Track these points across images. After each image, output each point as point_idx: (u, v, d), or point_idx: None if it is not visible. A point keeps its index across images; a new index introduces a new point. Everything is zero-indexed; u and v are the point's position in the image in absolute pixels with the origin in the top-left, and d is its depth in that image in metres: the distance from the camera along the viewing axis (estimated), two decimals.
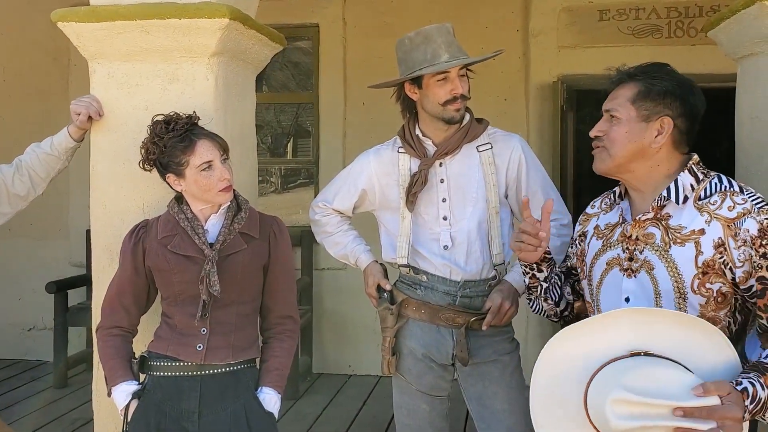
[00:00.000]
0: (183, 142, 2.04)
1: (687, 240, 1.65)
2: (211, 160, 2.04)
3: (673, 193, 1.68)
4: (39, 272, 5.45)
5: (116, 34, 2.35)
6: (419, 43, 2.24)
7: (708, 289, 1.62)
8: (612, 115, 1.73)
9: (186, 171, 2.05)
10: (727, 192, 1.66)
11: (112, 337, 2.13)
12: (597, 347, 1.53)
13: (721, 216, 1.63)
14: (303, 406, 4.63)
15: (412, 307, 2.36)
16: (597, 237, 1.86)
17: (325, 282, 5.29)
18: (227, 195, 2.08)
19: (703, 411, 1.41)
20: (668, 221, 1.69)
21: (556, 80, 4.83)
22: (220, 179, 2.05)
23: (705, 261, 1.62)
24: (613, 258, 1.77)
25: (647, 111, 1.70)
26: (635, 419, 1.40)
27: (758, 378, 1.49)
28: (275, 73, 5.61)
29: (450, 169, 2.33)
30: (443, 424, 2.43)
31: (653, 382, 1.42)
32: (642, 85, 1.72)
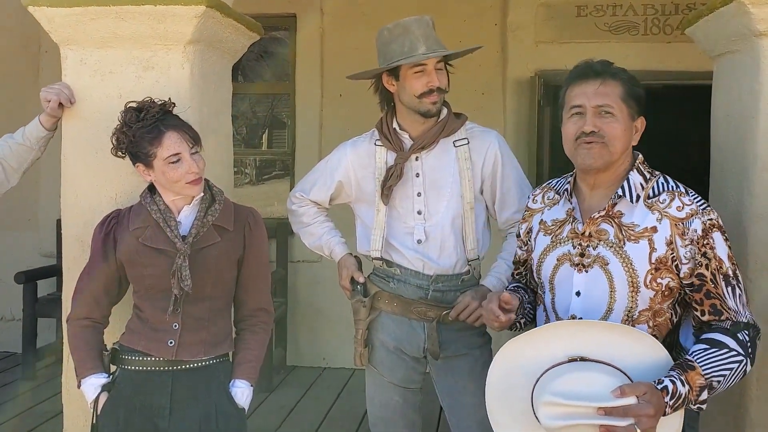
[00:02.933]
0: (151, 134, 1.99)
1: (641, 237, 1.74)
2: (178, 153, 2.00)
3: (627, 192, 1.76)
4: (7, 262, 5.34)
5: (89, 19, 2.31)
6: (398, 34, 2.23)
7: (658, 284, 1.73)
8: (607, 111, 1.74)
9: (154, 162, 2.01)
10: (674, 192, 1.76)
11: (82, 328, 2.09)
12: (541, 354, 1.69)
13: (670, 215, 1.73)
14: (277, 399, 4.61)
15: (384, 299, 2.36)
16: (544, 233, 1.91)
17: (300, 274, 5.27)
18: (196, 188, 2.05)
19: (620, 410, 1.56)
20: (621, 219, 1.77)
21: (534, 75, 4.84)
22: (188, 172, 2.01)
23: (658, 257, 1.72)
24: (564, 254, 1.83)
25: (632, 110, 1.77)
26: (563, 419, 1.59)
27: (680, 376, 1.62)
28: (251, 63, 5.56)
29: (426, 163, 2.33)
30: (415, 417, 2.43)
31: (582, 386, 1.60)
32: (624, 85, 1.76)
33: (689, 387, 1.61)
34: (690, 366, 1.63)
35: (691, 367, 1.63)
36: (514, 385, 1.72)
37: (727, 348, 1.66)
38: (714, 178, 2.32)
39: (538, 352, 1.69)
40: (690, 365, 1.64)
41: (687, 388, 1.61)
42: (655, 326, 1.75)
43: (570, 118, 1.79)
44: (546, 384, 1.65)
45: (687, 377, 1.61)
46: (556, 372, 1.66)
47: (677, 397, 1.60)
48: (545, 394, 1.62)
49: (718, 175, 2.29)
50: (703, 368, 1.63)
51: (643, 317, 1.75)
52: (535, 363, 1.69)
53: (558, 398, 1.60)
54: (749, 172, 2.07)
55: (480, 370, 2.34)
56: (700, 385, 1.62)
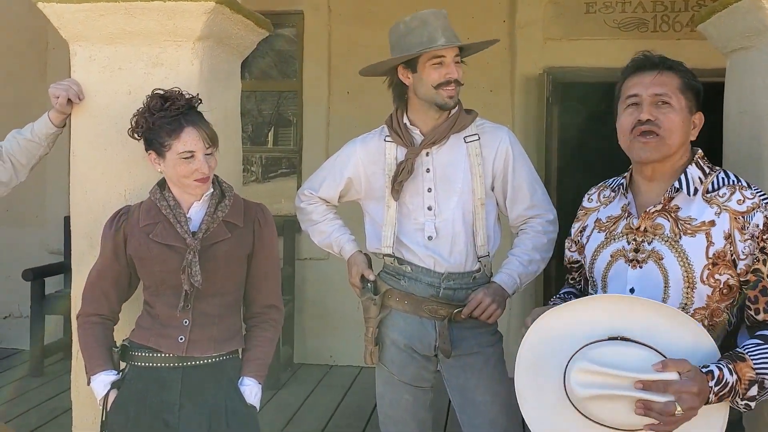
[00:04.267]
0: (171, 125, 2.00)
1: (698, 231, 1.68)
2: (193, 151, 2.00)
3: (685, 185, 1.72)
4: (15, 259, 5.36)
5: (99, 15, 2.30)
6: (415, 26, 2.23)
7: (716, 280, 1.66)
8: (665, 101, 1.71)
9: (167, 153, 2.01)
10: (735, 186, 1.70)
11: (92, 324, 2.09)
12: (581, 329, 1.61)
13: (730, 208, 1.67)
14: (284, 397, 4.61)
15: (395, 297, 2.34)
16: (599, 230, 1.87)
17: (308, 272, 5.26)
18: (202, 187, 2.04)
19: (660, 384, 1.49)
20: (677, 213, 1.72)
21: (542, 72, 4.82)
22: (198, 170, 2.00)
23: (716, 252, 1.65)
24: (618, 250, 1.79)
25: (690, 103, 1.74)
26: (596, 387, 1.51)
27: (728, 364, 1.55)
28: (258, 60, 5.55)
29: (437, 158, 2.31)
30: (426, 415, 2.42)
31: (620, 357, 1.53)
32: (682, 78, 1.73)
33: (738, 377, 1.53)
34: (740, 357, 1.56)
35: (741, 358, 1.56)
36: (546, 357, 1.64)
37: None
38: None
39: (577, 327, 1.62)
40: (740, 356, 1.56)
41: (735, 378, 1.53)
42: (710, 326, 1.67)
43: (626, 109, 1.76)
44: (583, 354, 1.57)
45: (736, 367, 1.54)
46: (592, 348, 1.58)
47: (723, 384, 1.52)
48: (582, 360, 1.55)
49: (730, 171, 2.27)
50: (755, 361, 1.55)
51: (698, 315, 1.67)
52: (569, 340, 1.61)
53: (593, 365, 1.52)
54: (763, 168, 2.05)
55: (492, 368, 2.34)
56: (749, 379, 1.54)
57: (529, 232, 2.37)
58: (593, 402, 1.53)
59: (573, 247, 1.99)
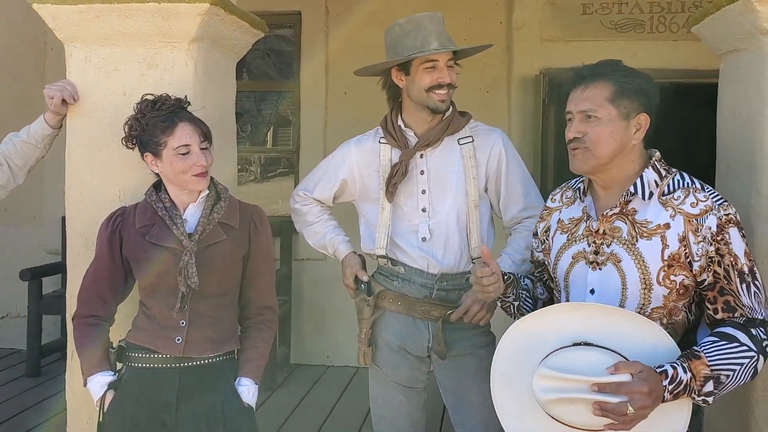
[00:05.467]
0: (164, 122, 2.01)
1: (653, 234, 1.73)
2: (189, 145, 2.01)
3: (639, 189, 1.76)
4: (13, 259, 5.36)
5: (94, 16, 2.31)
6: (410, 29, 2.24)
7: (672, 281, 1.71)
8: (590, 115, 1.74)
9: (163, 152, 2.02)
10: (689, 188, 1.74)
11: (88, 326, 2.09)
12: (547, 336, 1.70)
13: (684, 211, 1.71)
14: (281, 397, 4.62)
15: (388, 298, 2.35)
16: (561, 231, 1.91)
17: (304, 273, 5.26)
18: (202, 181, 2.05)
19: (613, 386, 1.56)
20: (634, 216, 1.77)
21: (539, 73, 4.83)
22: (195, 164, 2.01)
23: (671, 254, 1.70)
24: (579, 252, 1.84)
25: (626, 109, 1.75)
26: (556, 392, 1.59)
27: (683, 363, 1.60)
28: (256, 61, 5.56)
29: (431, 160, 2.32)
30: (419, 416, 2.43)
31: (579, 362, 1.61)
32: (616, 84, 1.74)
33: (692, 375, 1.59)
34: (695, 355, 1.61)
35: (696, 356, 1.61)
36: (519, 364, 1.72)
37: (738, 342, 1.63)
38: (720, 176, 2.31)
39: (544, 335, 1.70)
40: (696, 354, 1.62)
41: (689, 376, 1.58)
42: (669, 324, 1.73)
43: (567, 124, 1.81)
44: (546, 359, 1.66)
45: (690, 365, 1.59)
46: (557, 353, 1.66)
47: (678, 383, 1.58)
48: (542, 367, 1.64)
49: (724, 174, 2.28)
50: (710, 359, 1.61)
51: (656, 315, 1.73)
52: (541, 344, 1.69)
53: (553, 371, 1.60)
54: (757, 171, 2.05)
55: (485, 370, 2.33)
56: (704, 376, 1.59)
57: (522, 232, 2.37)
58: (556, 405, 1.61)
59: (539, 247, 2.02)
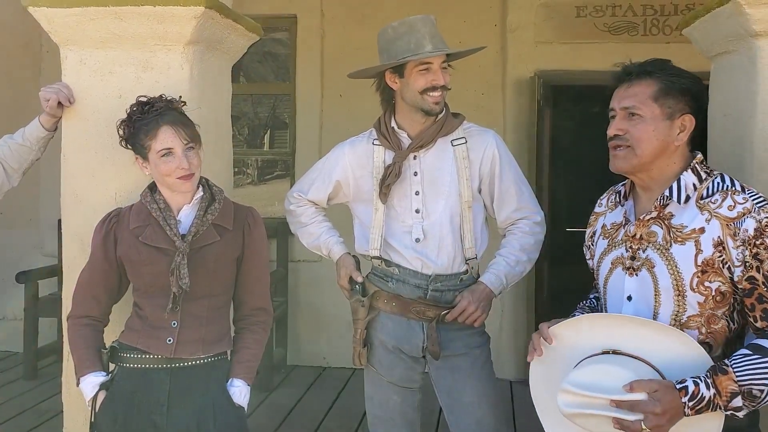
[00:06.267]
0: (147, 126, 2.03)
1: (687, 239, 1.67)
2: (170, 148, 2.02)
3: (675, 193, 1.70)
4: (9, 262, 5.36)
5: (89, 19, 2.32)
6: (403, 32, 2.25)
7: (707, 288, 1.65)
8: (633, 113, 1.71)
9: (149, 155, 2.04)
10: (728, 191, 1.67)
11: (82, 326, 2.10)
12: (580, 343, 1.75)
13: (721, 215, 1.64)
14: (277, 398, 4.62)
15: (383, 299, 2.36)
16: (603, 236, 1.88)
17: (301, 274, 5.28)
18: (186, 184, 2.05)
19: (628, 404, 1.57)
20: (670, 220, 1.71)
21: (533, 75, 4.86)
22: (179, 167, 2.02)
23: (704, 260, 1.64)
24: (617, 257, 1.80)
25: (670, 108, 1.70)
26: (578, 407, 1.64)
27: (707, 378, 1.56)
28: (253, 64, 5.57)
29: (424, 162, 2.34)
30: (414, 416, 2.44)
31: (602, 378, 1.63)
32: (661, 83, 1.71)
33: (716, 391, 1.54)
34: (723, 370, 1.56)
35: (723, 371, 1.55)
36: (555, 370, 1.77)
37: None
38: None
39: (577, 342, 1.74)
40: (723, 369, 1.56)
41: (712, 392, 1.54)
42: (709, 333, 1.67)
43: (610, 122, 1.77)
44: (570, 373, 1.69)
45: (716, 381, 1.54)
46: (586, 362, 1.69)
47: (698, 400, 1.54)
48: (564, 382, 1.67)
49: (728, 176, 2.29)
50: (738, 373, 1.54)
51: (694, 323, 1.67)
52: (573, 353, 1.74)
53: (574, 387, 1.64)
54: (747, 172, 2.07)
55: (479, 370, 2.36)
56: (731, 392, 1.54)
57: (516, 233, 2.39)
58: (578, 417, 1.66)
59: (588, 254, 1.98)
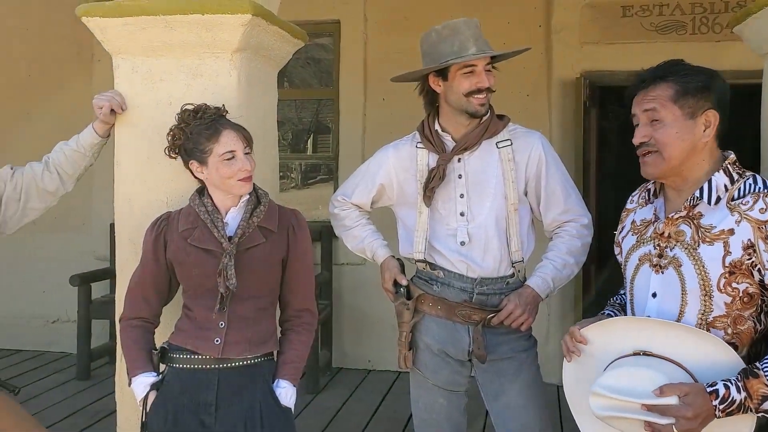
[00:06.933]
0: (209, 130, 2.07)
1: (716, 239, 1.66)
2: (234, 150, 2.07)
3: (706, 194, 1.69)
4: (63, 265, 5.52)
5: (140, 29, 2.37)
6: (447, 35, 2.24)
7: (734, 289, 1.64)
8: (655, 118, 1.71)
9: (209, 159, 2.08)
10: (760, 193, 1.65)
11: (133, 327, 2.15)
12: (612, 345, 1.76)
13: (752, 217, 1.63)
14: (323, 400, 4.65)
15: (428, 302, 2.36)
16: (633, 232, 1.88)
17: (345, 277, 5.30)
18: (247, 185, 2.09)
19: (660, 408, 1.59)
20: (699, 220, 1.70)
21: (579, 76, 4.80)
22: (241, 169, 2.06)
23: (732, 261, 1.64)
24: (645, 254, 1.80)
25: (691, 108, 1.70)
26: (610, 410, 1.66)
27: (738, 381, 1.56)
28: (297, 70, 5.64)
29: (468, 164, 2.33)
30: (461, 419, 2.43)
31: (634, 381, 1.65)
32: (676, 85, 1.71)
33: (747, 394, 1.54)
34: (754, 373, 1.56)
35: (754, 374, 1.55)
36: (587, 370, 1.79)
37: None
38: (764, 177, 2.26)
39: (609, 343, 1.76)
40: (754, 372, 1.56)
41: (743, 396, 1.54)
42: (735, 334, 1.67)
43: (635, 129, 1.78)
44: (602, 375, 1.71)
45: (747, 384, 1.54)
46: (616, 364, 1.70)
47: (729, 403, 1.54)
48: (595, 385, 1.69)
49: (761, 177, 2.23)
50: None
51: (720, 323, 1.67)
52: (606, 351, 1.76)
53: (605, 391, 1.66)
54: None
55: (526, 373, 2.34)
56: (762, 395, 1.54)
57: (563, 236, 2.36)
58: (611, 419, 1.68)
59: (617, 250, 1.98)
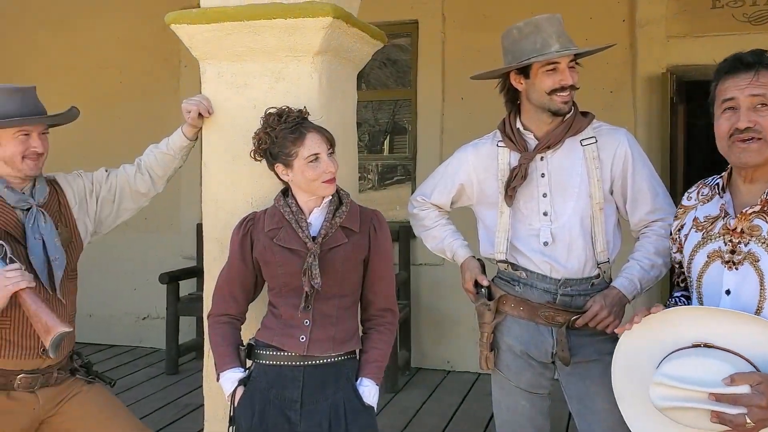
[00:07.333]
0: (293, 134, 2.11)
1: None
2: (318, 153, 2.10)
3: None
4: (152, 264, 5.75)
5: (225, 34, 2.43)
6: (528, 32, 2.21)
7: None
8: (764, 103, 1.66)
9: (294, 162, 2.11)
10: None
11: (221, 324, 2.22)
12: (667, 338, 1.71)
13: None
14: (402, 400, 4.67)
15: (510, 303, 2.33)
16: (696, 229, 1.83)
17: (423, 277, 5.31)
18: (331, 187, 2.13)
19: (730, 397, 1.54)
20: None
21: (665, 71, 4.65)
22: (325, 171, 2.10)
23: None
24: (714, 251, 1.76)
25: None
26: (674, 400, 1.60)
27: None
28: (374, 71, 5.68)
29: (551, 163, 2.29)
30: (544, 422, 2.39)
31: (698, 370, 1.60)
32: None
33: None
34: None
35: None
36: (639, 365, 1.75)
37: None
38: None
39: (664, 336, 1.71)
40: None
41: None
42: None
43: (723, 113, 1.71)
44: (662, 365, 1.67)
45: None
46: (676, 355, 1.66)
47: None
48: (658, 374, 1.65)
49: None
50: None
51: None
52: (660, 346, 1.71)
53: (670, 380, 1.61)
54: None
55: (611, 376, 2.27)
56: None
57: (650, 236, 2.29)
58: (673, 411, 1.63)
59: (674, 247, 1.94)
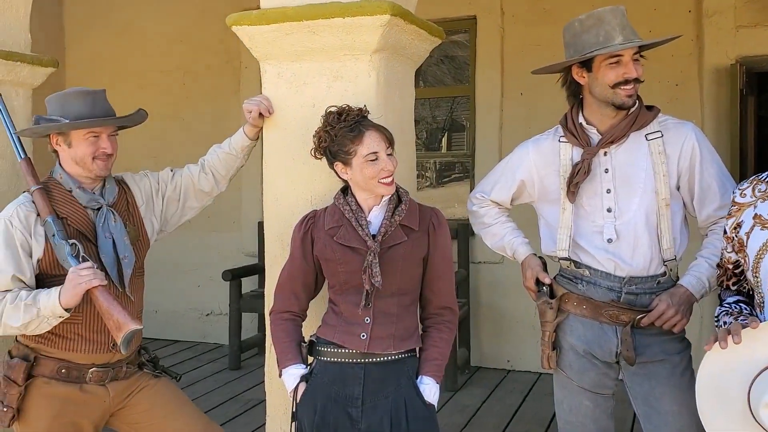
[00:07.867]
0: (352, 132, 2.12)
1: None
2: (377, 152, 2.10)
3: None
4: (215, 262, 5.89)
5: (285, 35, 2.46)
6: (591, 25, 2.17)
7: None
8: None
9: (353, 160, 2.12)
10: None
11: (283, 321, 2.25)
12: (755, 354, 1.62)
13: None
14: (462, 399, 4.65)
15: (572, 302, 2.29)
16: (761, 227, 1.75)
17: (482, 276, 5.27)
18: (389, 187, 2.13)
19: None
20: None
21: (734, 63, 4.49)
22: (383, 170, 2.10)
23: None
24: None
25: None
26: None
27: None
28: (431, 68, 5.66)
29: (615, 158, 2.24)
30: (608, 423, 2.34)
31: None
32: None
33: None
34: None
35: None
36: (727, 384, 1.66)
37: None
38: None
39: (752, 352, 1.63)
40: None
41: None
42: None
43: None
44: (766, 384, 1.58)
45: None
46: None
47: None
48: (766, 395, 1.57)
49: None
50: None
51: None
52: (748, 363, 1.63)
53: None
54: None
55: (679, 377, 2.21)
56: None
57: (719, 233, 2.20)
58: None
59: (730, 247, 1.85)
